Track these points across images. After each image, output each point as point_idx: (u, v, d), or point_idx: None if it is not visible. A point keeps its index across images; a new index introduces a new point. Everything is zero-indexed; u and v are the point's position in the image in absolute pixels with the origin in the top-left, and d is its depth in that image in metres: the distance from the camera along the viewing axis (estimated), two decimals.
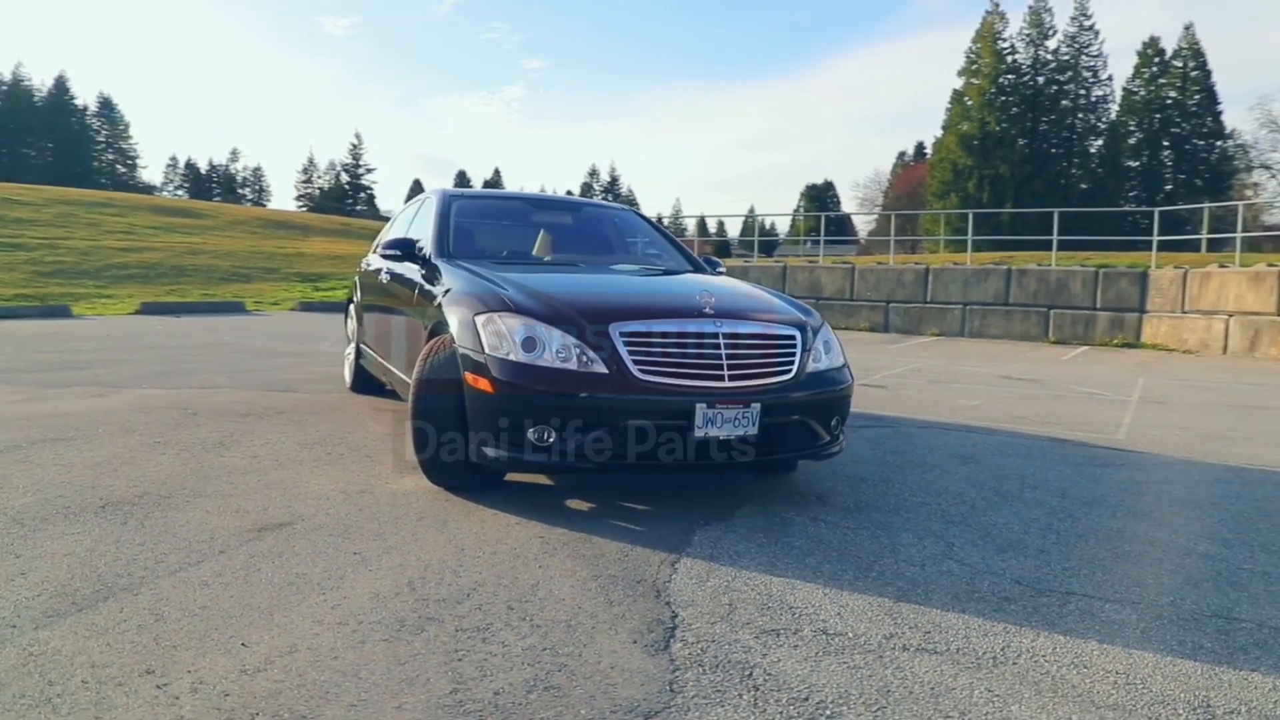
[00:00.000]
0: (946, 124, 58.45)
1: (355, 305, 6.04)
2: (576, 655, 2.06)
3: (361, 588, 2.43)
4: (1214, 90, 52.14)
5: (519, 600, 2.38)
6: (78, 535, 2.80)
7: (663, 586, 2.54)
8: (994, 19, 56.29)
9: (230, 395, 5.78)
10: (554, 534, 3.01)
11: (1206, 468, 4.60)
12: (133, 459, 3.87)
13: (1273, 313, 11.38)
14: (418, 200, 5.56)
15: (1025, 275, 14.53)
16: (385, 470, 3.85)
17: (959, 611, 2.44)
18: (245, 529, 2.93)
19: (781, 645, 2.16)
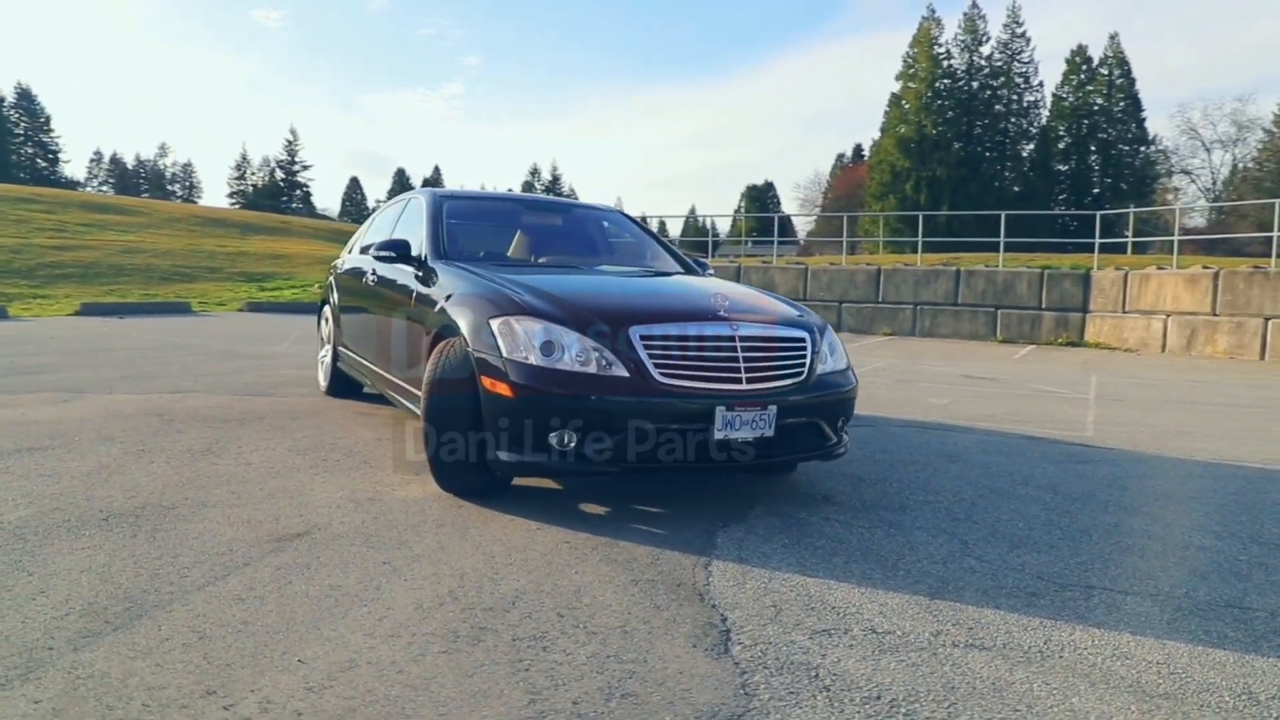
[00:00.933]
0: (885, 127, 59.73)
1: (331, 307, 5.90)
2: (642, 661, 2.05)
3: (402, 598, 2.39)
4: (1138, 98, 54.33)
5: (567, 607, 2.37)
6: (88, 550, 2.68)
7: (703, 589, 2.56)
8: (930, 25, 57.73)
9: (203, 400, 5.60)
10: (579, 539, 3.00)
11: (1177, 463, 4.80)
12: (122, 468, 3.73)
13: (1208, 313, 11.92)
14: (399, 201, 5.47)
15: (974, 276, 14.94)
16: (388, 476, 3.78)
17: (993, 607, 2.51)
18: (262, 540, 2.85)
19: (837, 645, 2.19)
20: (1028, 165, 57.44)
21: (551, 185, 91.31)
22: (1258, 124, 51.86)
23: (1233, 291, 11.68)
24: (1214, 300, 11.87)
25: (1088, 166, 56.35)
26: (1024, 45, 57.05)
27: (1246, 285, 11.57)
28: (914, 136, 56.24)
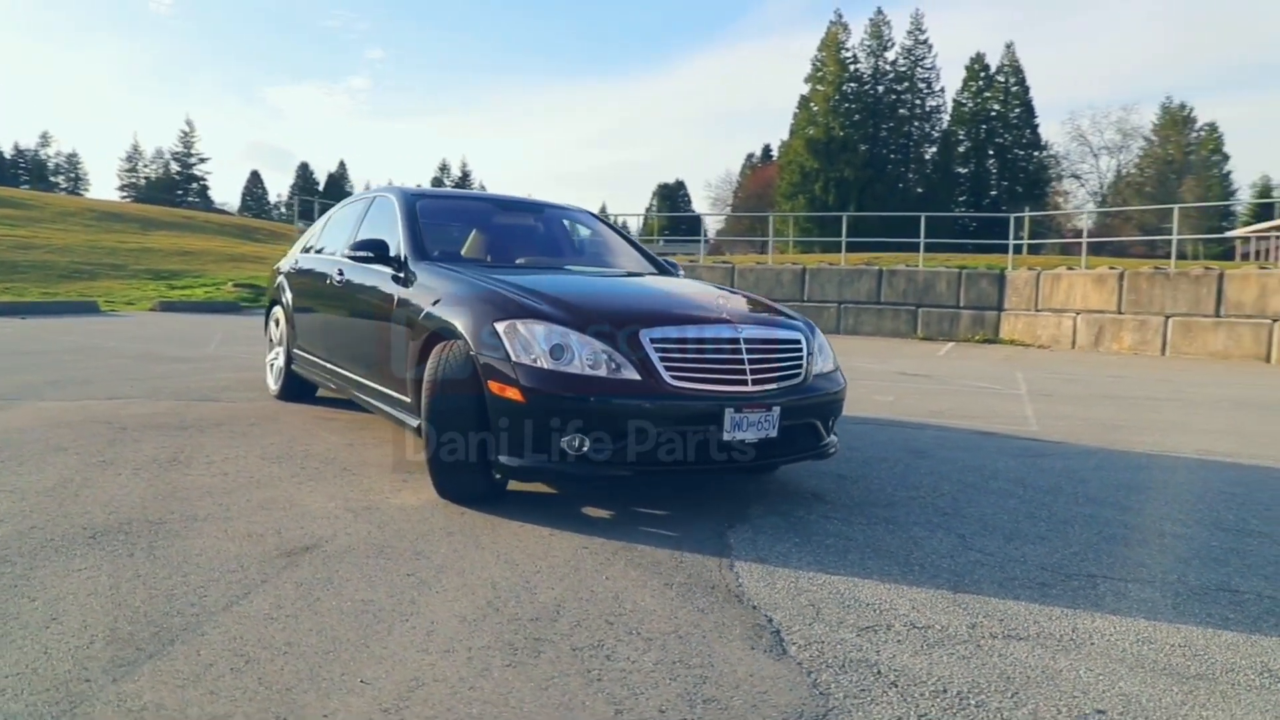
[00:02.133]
0: (794, 128, 61.06)
1: (284, 309, 5.67)
2: (709, 666, 2.06)
3: (442, 611, 2.33)
4: (1032, 104, 57.13)
5: (613, 614, 2.35)
6: (87, 570, 2.52)
7: (738, 591, 2.58)
8: (838, 29, 59.36)
9: (147, 407, 5.30)
10: (595, 543, 2.98)
11: (1122, 455, 5.08)
12: (88, 481, 3.50)
13: (1114, 311, 12.66)
14: (359, 200, 5.30)
15: (895, 275, 15.45)
16: (376, 484, 3.67)
17: (1013, 598, 2.62)
18: (270, 555, 2.73)
19: (886, 642, 2.25)
20: (930, 168, 59.70)
21: (461, 181, 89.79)
22: (1139, 132, 55.32)
23: (1137, 291, 12.44)
24: (1120, 299, 12.62)
25: (986, 169, 58.93)
26: (926, 52, 59.28)
27: (1149, 285, 12.35)
28: (822, 138, 57.70)
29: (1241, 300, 11.50)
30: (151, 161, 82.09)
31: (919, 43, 59.40)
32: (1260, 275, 11.44)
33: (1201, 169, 52.69)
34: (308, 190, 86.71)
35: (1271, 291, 11.23)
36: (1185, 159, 54.24)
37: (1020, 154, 57.95)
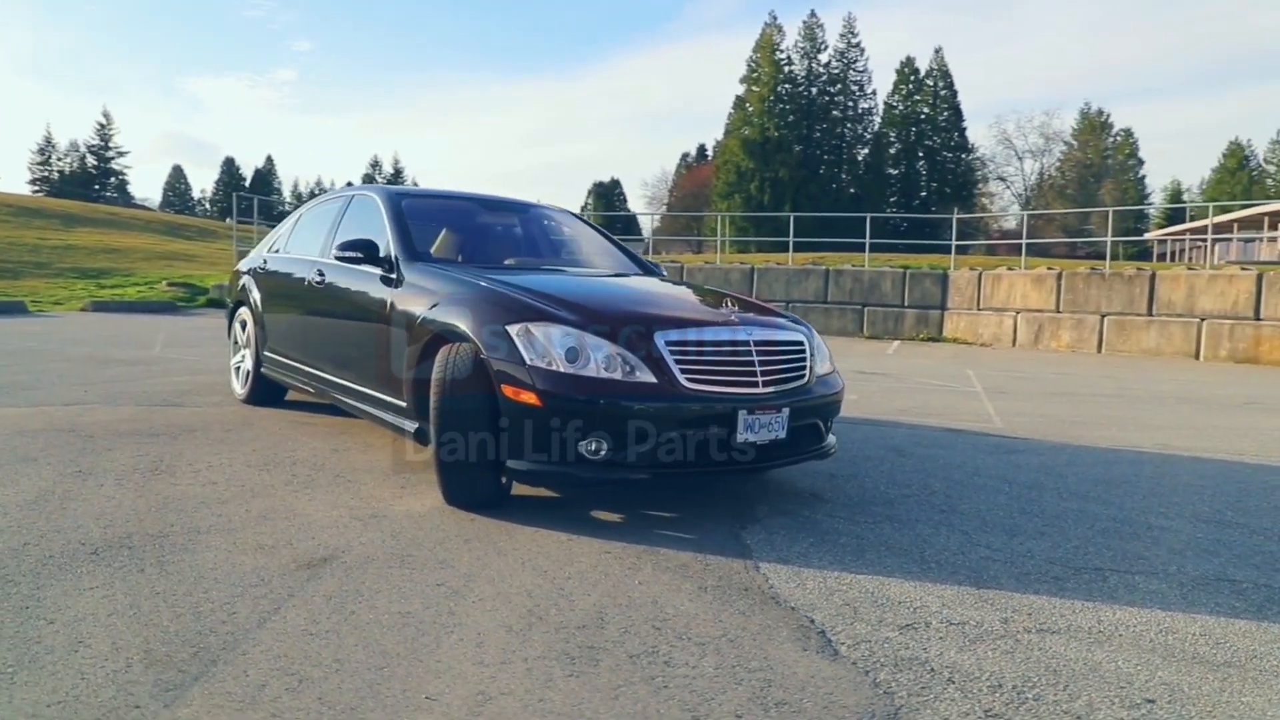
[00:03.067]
0: (730, 128, 61.70)
1: (252, 310, 5.48)
2: (769, 669, 2.07)
3: (484, 621, 2.29)
4: (959, 108, 58.92)
5: (658, 620, 2.35)
6: (99, 589, 2.39)
7: (772, 593, 2.60)
8: (772, 31, 60.21)
9: (110, 413, 5.06)
10: (616, 548, 2.96)
11: (1090, 451, 5.28)
12: (71, 494, 3.33)
13: (1053, 310, 13.14)
14: (335, 199, 5.16)
15: (841, 275, 15.74)
16: (375, 491, 3.58)
17: (1033, 593, 2.69)
18: (288, 567, 2.64)
19: (929, 639, 2.29)
20: (863, 168, 61.07)
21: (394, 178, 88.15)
22: (1060, 137, 57.49)
23: (1074, 291, 12.94)
24: (1058, 299, 13.10)
25: (916, 171, 60.56)
26: (859, 55, 60.60)
27: (1085, 285, 12.86)
28: (757, 138, 58.45)
29: (1172, 300, 12.07)
30: (66, 154, 78.39)
31: (851, 46, 60.69)
32: (1189, 276, 12.03)
33: (1119, 173, 55.08)
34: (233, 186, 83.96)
35: (1200, 292, 11.82)
36: (1103, 163, 56.61)
37: (949, 156, 59.73)
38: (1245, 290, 11.42)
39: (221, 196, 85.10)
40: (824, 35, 60.24)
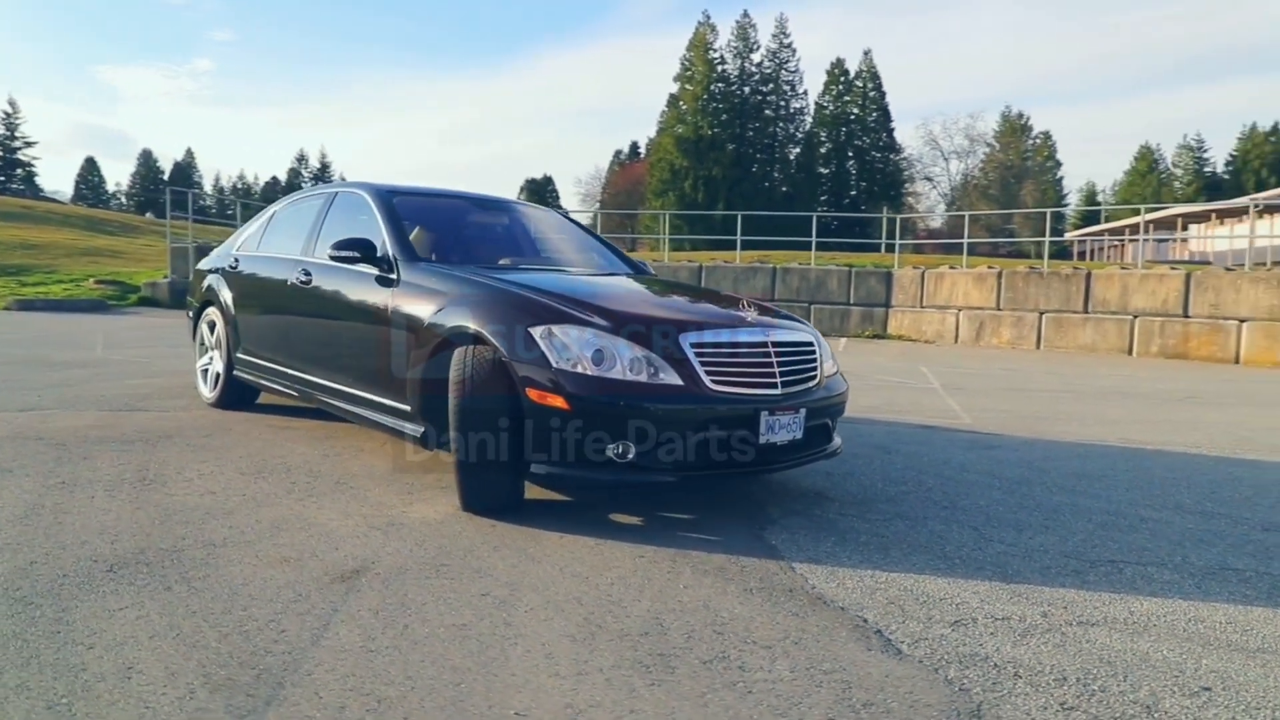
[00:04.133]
0: (663, 126, 61.92)
1: (222, 311, 5.26)
2: (841, 670, 2.09)
3: (544, 631, 2.25)
4: (888, 109, 60.30)
5: (717, 624, 2.34)
6: (130, 609, 2.27)
7: (816, 593, 2.62)
8: (706, 30, 60.60)
9: (74, 418, 4.80)
10: (648, 552, 2.94)
11: (1060, 446, 5.47)
12: (62, 507, 3.14)
13: (994, 307, 13.58)
14: (314, 196, 4.99)
15: (789, 274, 15.97)
16: (382, 497, 3.48)
17: (1060, 586, 2.77)
18: (323, 580, 2.54)
19: (981, 635, 2.34)
20: (794, 167, 61.98)
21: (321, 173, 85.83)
22: (983, 138, 59.41)
23: (1014, 289, 13.41)
24: (998, 297, 13.55)
25: (846, 170, 61.77)
26: (791, 55, 61.44)
27: (1025, 284, 13.33)
28: (691, 136, 58.78)
29: (1107, 298, 12.61)
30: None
31: (783, 46, 61.49)
32: (1123, 275, 12.59)
33: (1038, 174, 57.23)
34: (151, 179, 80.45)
35: (1132, 290, 12.39)
36: (1023, 164, 58.73)
37: (877, 156, 61.12)
38: (1175, 289, 12.01)
39: (139, 190, 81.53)
40: (756, 35, 60.93)
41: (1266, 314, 11.27)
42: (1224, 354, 11.58)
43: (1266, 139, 61.09)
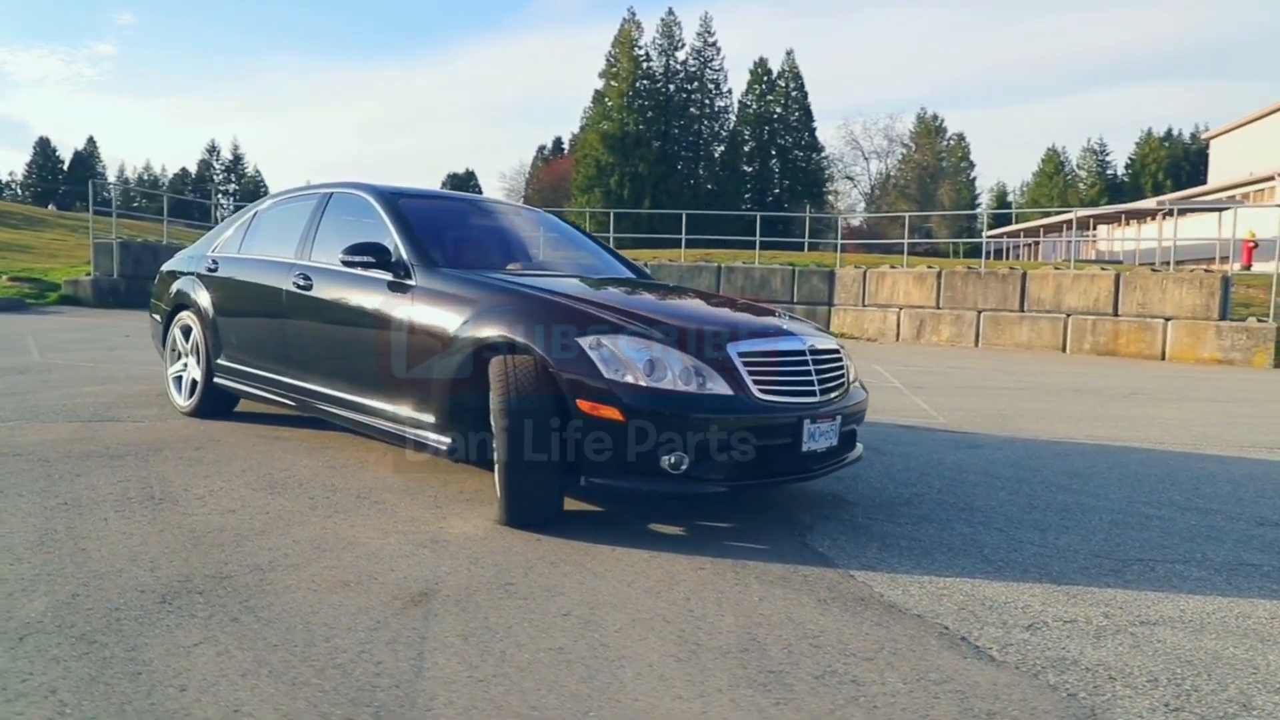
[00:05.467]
0: (589, 122, 61.78)
1: (199, 316, 5.00)
2: (950, 679, 2.12)
3: (646, 652, 2.21)
4: (810, 109, 61.43)
5: (810, 637, 2.35)
6: (205, 644, 2.14)
7: (887, 601, 2.65)
8: (631, 27, 60.65)
9: (42, 431, 4.49)
10: (705, 563, 2.93)
11: (1039, 444, 5.67)
12: (77, 531, 2.94)
13: (934, 306, 14.01)
14: (305, 196, 4.78)
15: (733, 272, 16.14)
16: (413, 513, 3.38)
17: (1106, 586, 2.88)
18: (393, 605, 2.45)
19: (1059, 638, 2.41)
20: (719, 165, 62.63)
21: (234, 166, 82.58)
22: (901, 139, 61.18)
23: (953, 289, 13.87)
24: (938, 295, 13.99)
25: (769, 169, 62.70)
26: (715, 54, 61.99)
27: (963, 283, 13.80)
28: (617, 133, 58.79)
29: (1041, 297, 13.17)
30: None
31: (708, 44, 62.00)
32: (1057, 275, 13.18)
33: (953, 174, 59.26)
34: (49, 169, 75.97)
35: (1066, 290, 12.97)
36: (938, 165, 60.73)
37: (800, 155, 62.21)
38: (1105, 289, 12.63)
39: (35, 180, 76.74)
40: (681, 33, 61.27)
41: (1190, 313, 11.97)
42: (1151, 351, 12.25)
43: (1161, 144, 64.79)
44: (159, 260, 17.34)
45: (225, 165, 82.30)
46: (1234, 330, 11.67)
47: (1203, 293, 11.89)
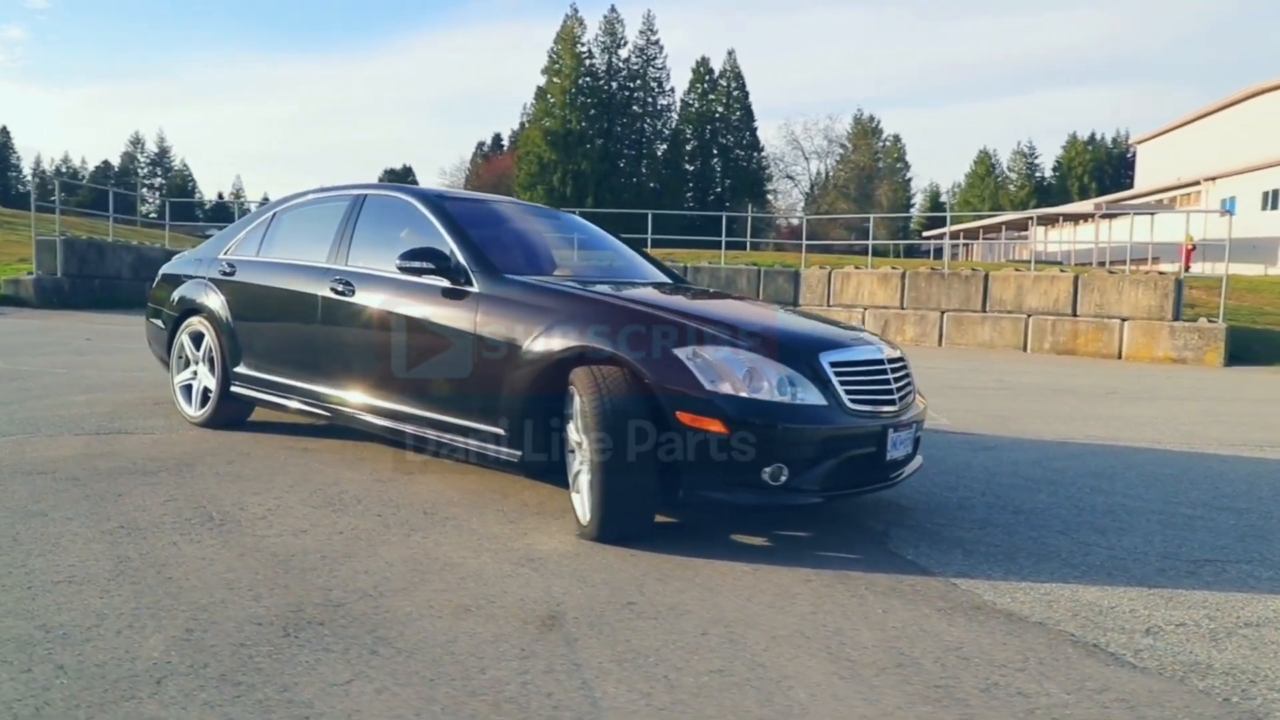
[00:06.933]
0: (531, 119, 61.32)
1: (214, 322, 4.76)
2: (1109, 687, 2.14)
3: (804, 672, 2.19)
4: (751, 108, 62.06)
5: (953, 648, 2.35)
6: (361, 681, 2.03)
7: (1005, 610, 2.67)
8: (574, 24, 60.37)
9: (53, 446, 4.23)
10: (810, 575, 2.92)
11: (1045, 445, 5.82)
12: (152, 558, 2.77)
13: (898, 306, 14.29)
14: (334, 199, 4.58)
15: (699, 272, 16.19)
16: (490, 528, 3.28)
17: (1193, 588, 2.96)
18: (530, 630, 2.37)
19: (1180, 641, 2.46)
20: (662, 164, 62.82)
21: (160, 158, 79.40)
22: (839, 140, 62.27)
23: (916, 289, 14.17)
24: (902, 296, 14.28)
25: (711, 168, 63.18)
26: (658, 52, 62.13)
27: (927, 284, 14.11)
28: (560, 130, 58.48)
29: (1003, 297, 13.55)
30: None
31: (650, 42, 62.10)
32: (1018, 276, 13.59)
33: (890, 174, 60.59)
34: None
35: (1027, 290, 13.38)
36: (875, 165, 62.03)
37: (741, 154, 62.81)
38: (1065, 290, 13.08)
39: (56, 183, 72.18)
40: (624, 31, 61.23)
41: (1145, 314, 12.48)
42: (1109, 350, 12.73)
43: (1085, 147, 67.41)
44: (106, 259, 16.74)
45: (150, 158, 79.09)
46: (1187, 330, 12.23)
47: (1157, 294, 12.42)
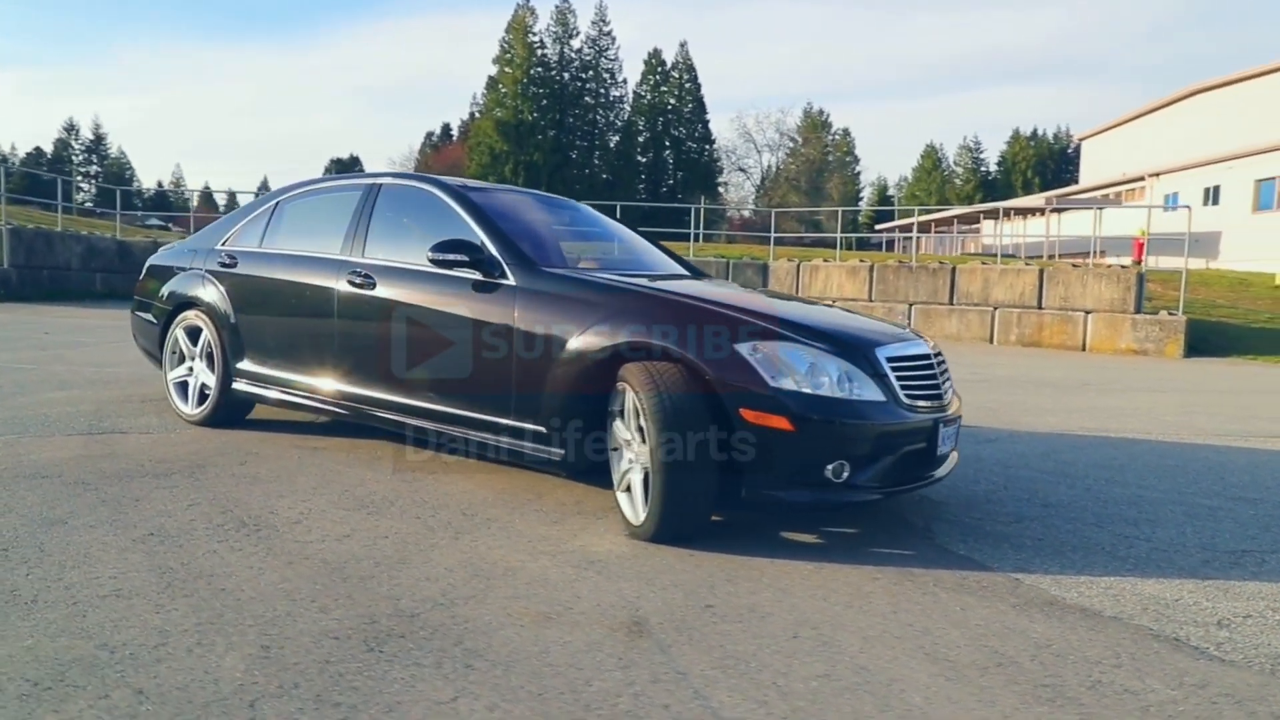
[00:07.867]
0: (483, 109, 60.56)
1: (213, 316, 4.54)
2: (1208, 682, 2.15)
3: (909, 674, 2.15)
4: (703, 101, 62.17)
5: (1042, 645, 2.34)
6: (468, 699, 1.92)
7: (1076, 605, 2.68)
8: (525, 14, 59.74)
9: (51, 447, 3.98)
10: (875, 573, 2.89)
11: (1045, 437, 5.92)
12: (197, 569, 2.61)
13: (866, 299, 14.43)
14: (348, 188, 4.40)
15: None
16: (537, 529, 3.19)
17: (1242, 579, 3.00)
18: (618, 637, 2.29)
19: (1252, 633, 2.49)
20: (615, 156, 62.59)
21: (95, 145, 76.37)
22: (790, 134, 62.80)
23: (885, 282, 14.32)
24: (870, 288, 14.43)
25: (663, 160, 63.17)
26: (610, 43, 61.85)
27: (895, 277, 14.27)
28: (512, 121, 57.89)
29: (970, 291, 13.78)
30: None
31: (603, 33, 61.77)
32: (984, 269, 13.83)
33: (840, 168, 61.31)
34: None
35: (993, 284, 13.62)
36: (824, 159, 62.71)
37: (693, 146, 62.92)
38: (1030, 283, 13.35)
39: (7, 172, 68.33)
40: (576, 21, 60.79)
41: (1108, 306, 12.81)
42: (1073, 342, 13.04)
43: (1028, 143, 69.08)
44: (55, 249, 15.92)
45: (86, 145, 76.05)
46: (1148, 323, 12.60)
47: (1119, 287, 12.76)
